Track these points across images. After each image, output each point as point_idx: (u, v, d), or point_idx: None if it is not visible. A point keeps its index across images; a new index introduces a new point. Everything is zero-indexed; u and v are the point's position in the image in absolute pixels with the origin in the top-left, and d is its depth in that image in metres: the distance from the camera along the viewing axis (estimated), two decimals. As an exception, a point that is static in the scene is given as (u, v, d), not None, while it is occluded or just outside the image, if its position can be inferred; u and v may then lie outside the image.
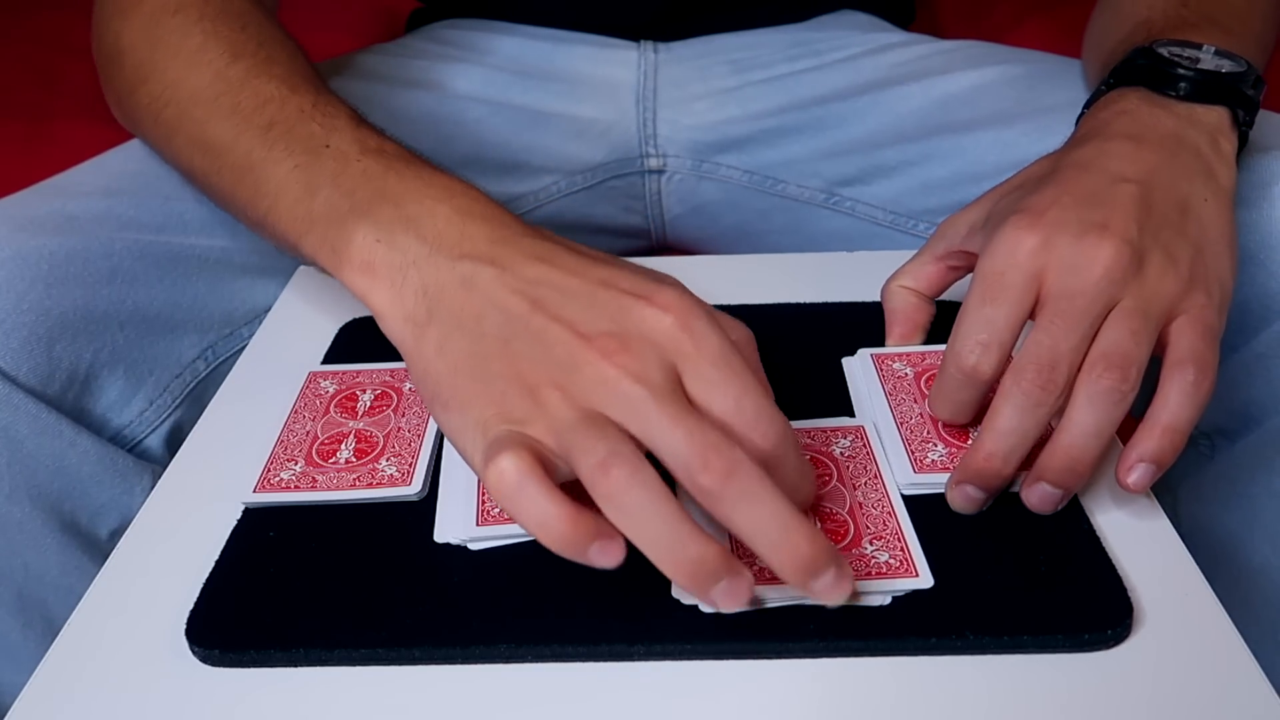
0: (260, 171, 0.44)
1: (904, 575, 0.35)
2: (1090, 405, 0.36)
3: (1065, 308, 0.37)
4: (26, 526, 0.46)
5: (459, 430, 0.35)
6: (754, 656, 0.34)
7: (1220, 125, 0.44)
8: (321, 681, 0.34)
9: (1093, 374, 0.36)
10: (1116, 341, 0.37)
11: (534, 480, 0.32)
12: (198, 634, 0.35)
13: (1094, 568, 0.36)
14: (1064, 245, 0.38)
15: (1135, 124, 0.44)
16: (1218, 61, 0.45)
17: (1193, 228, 0.40)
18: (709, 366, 0.34)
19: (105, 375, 0.51)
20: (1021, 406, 0.37)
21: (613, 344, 0.34)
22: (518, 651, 0.34)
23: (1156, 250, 0.39)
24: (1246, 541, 0.49)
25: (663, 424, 0.32)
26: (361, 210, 0.39)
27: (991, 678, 0.33)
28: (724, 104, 0.71)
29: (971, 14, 0.92)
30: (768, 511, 0.31)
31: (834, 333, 0.49)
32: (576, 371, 0.34)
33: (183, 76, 0.49)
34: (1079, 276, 0.37)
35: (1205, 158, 0.43)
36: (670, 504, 0.31)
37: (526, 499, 0.32)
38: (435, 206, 0.39)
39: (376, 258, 0.38)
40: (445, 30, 0.75)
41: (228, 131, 0.46)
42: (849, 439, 0.42)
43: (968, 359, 0.38)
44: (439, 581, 0.37)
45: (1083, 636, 0.33)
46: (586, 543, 0.31)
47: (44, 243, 0.49)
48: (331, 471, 0.41)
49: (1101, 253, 0.37)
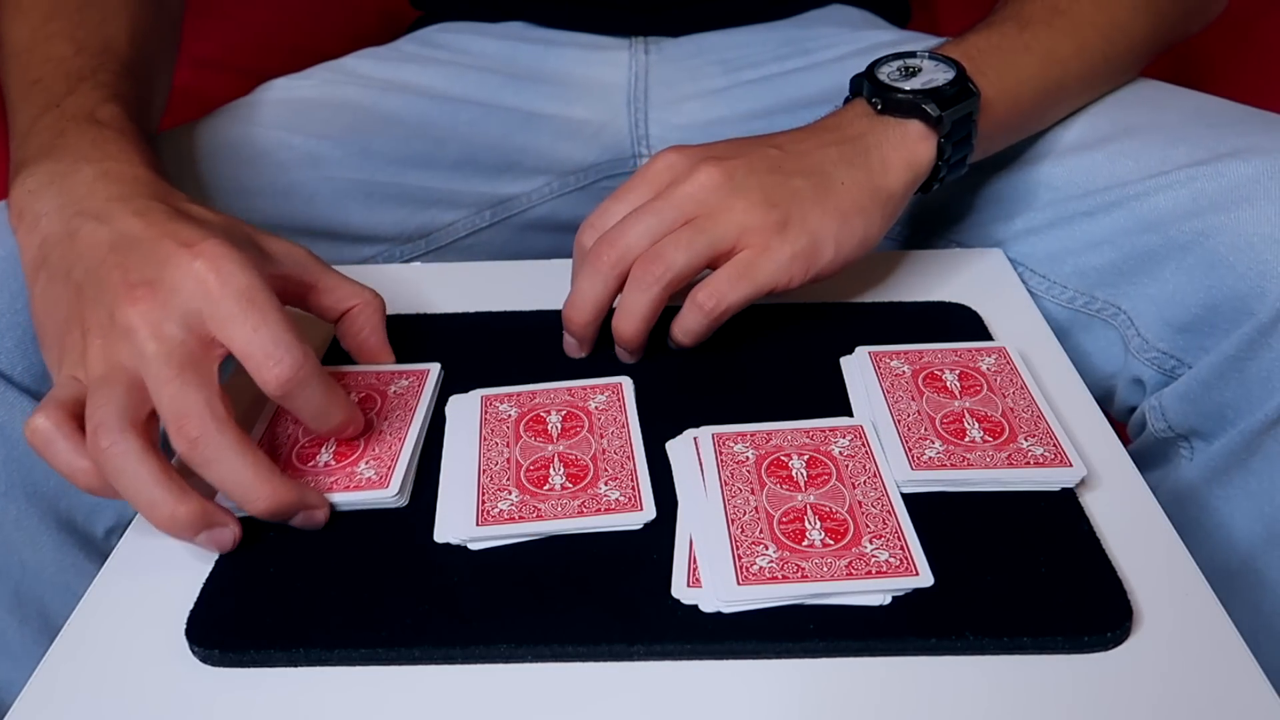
0: (11, 119, 0.48)
1: (904, 574, 0.35)
2: (633, 288, 0.45)
3: (657, 204, 0.45)
4: (23, 524, 0.46)
5: (51, 370, 0.40)
6: (754, 657, 0.34)
7: (913, 133, 0.49)
8: (321, 681, 0.34)
9: (640, 262, 0.45)
10: (664, 245, 0.45)
11: (58, 439, 0.37)
12: (198, 634, 0.35)
13: (1093, 569, 0.36)
14: (682, 164, 0.47)
15: (836, 120, 0.51)
16: (929, 77, 0.50)
17: (811, 190, 0.46)
18: (229, 302, 0.37)
19: (99, 374, 0.51)
20: (592, 274, 0.45)
21: (143, 291, 0.37)
22: (517, 651, 0.34)
23: (755, 191, 0.46)
24: (1225, 543, 0.50)
25: (156, 385, 0.36)
26: (31, 161, 0.44)
27: (991, 678, 0.33)
28: (715, 104, 0.71)
29: (970, 13, 0.92)
30: (231, 473, 0.36)
31: (833, 333, 0.49)
32: (112, 318, 0.37)
33: (7, 31, 0.53)
34: (677, 187, 0.46)
35: (872, 154, 0.48)
36: (145, 466, 0.35)
37: (51, 455, 0.37)
38: (81, 166, 0.42)
39: (25, 206, 0.42)
40: (437, 34, 0.75)
41: (11, 81, 0.50)
42: (848, 438, 0.42)
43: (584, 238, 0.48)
44: (439, 581, 0.37)
45: (1082, 638, 0.33)
46: (101, 486, 0.36)
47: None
48: (310, 475, 0.41)
49: (702, 173, 0.46)
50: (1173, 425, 0.52)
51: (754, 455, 0.41)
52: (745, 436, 0.42)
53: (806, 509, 0.38)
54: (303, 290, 0.45)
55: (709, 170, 0.46)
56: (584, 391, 0.46)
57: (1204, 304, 0.49)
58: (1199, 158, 0.50)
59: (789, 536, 0.37)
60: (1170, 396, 0.52)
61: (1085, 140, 0.56)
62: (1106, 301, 0.55)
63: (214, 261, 0.37)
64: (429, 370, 0.47)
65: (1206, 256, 0.49)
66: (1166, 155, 0.52)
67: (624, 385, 0.46)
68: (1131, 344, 0.54)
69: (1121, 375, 0.56)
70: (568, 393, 0.46)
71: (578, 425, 0.43)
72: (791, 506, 0.38)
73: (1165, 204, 0.51)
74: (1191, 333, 0.50)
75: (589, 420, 0.44)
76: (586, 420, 0.44)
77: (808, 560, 0.36)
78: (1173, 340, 0.52)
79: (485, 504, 0.39)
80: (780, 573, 0.35)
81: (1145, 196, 0.52)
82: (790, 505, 0.39)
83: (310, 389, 0.38)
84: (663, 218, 0.45)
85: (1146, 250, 0.52)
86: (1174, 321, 0.51)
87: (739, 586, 0.35)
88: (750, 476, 0.40)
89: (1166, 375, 0.53)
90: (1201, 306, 0.49)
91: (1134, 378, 0.55)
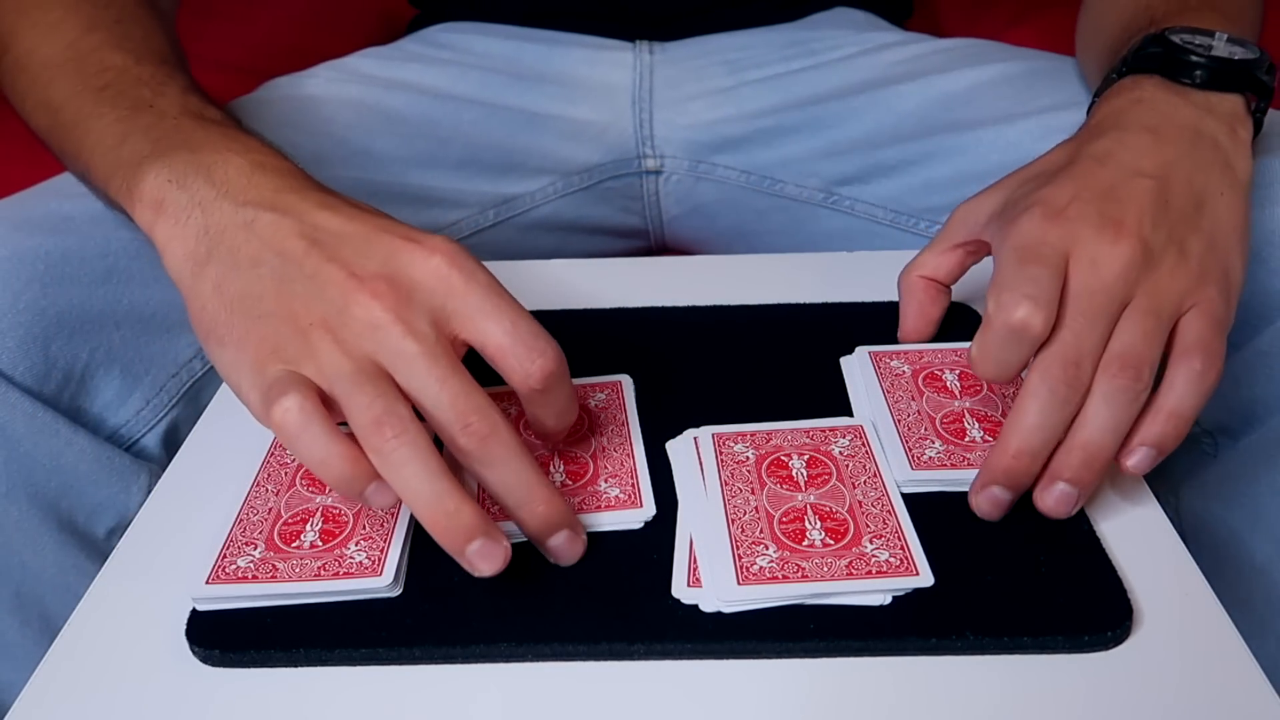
0: (86, 125, 0.46)
1: (904, 574, 0.35)
2: (1106, 403, 0.37)
3: (1086, 306, 0.37)
4: (24, 525, 0.46)
5: (232, 367, 0.36)
6: (754, 656, 0.34)
7: (1236, 113, 0.44)
8: (321, 682, 0.34)
9: (1108, 373, 0.37)
10: (1130, 342, 0.37)
11: (317, 420, 0.34)
12: (198, 634, 0.35)
13: (1094, 569, 0.36)
14: (1085, 240, 0.38)
15: (1153, 114, 0.44)
16: (1230, 49, 0.45)
17: (1207, 222, 0.40)
18: (480, 297, 0.36)
19: (102, 374, 0.50)
20: (1049, 403, 0.37)
21: (382, 285, 0.36)
22: (518, 651, 0.34)
23: (1171, 247, 0.39)
24: (1249, 540, 0.49)
25: (430, 383, 0.35)
26: (160, 153, 0.41)
27: (991, 678, 0.33)
28: (720, 104, 0.71)
29: (970, 13, 0.92)
30: (515, 474, 0.35)
31: (833, 333, 0.49)
32: (347, 312, 0.35)
33: (37, 45, 0.51)
34: (1098, 274, 0.38)
35: (1223, 149, 0.43)
36: (434, 461, 0.34)
37: (310, 438, 0.34)
38: (230, 157, 0.40)
39: (166, 196, 0.40)
40: (441, 34, 0.75)
41: (66, 91, 0.48)
42: (848, 438, 0.42)
43: (1016, 312, 0.37)
44: (439, 581, 0.37)
45: (1082, 637, 0.33)
46: (365, 482, 0.34)
47: (40, 242, 0.49)
48: (295, 558, 0.37)
49: (1119, 250, 0.38)
50: (1200, 421, 0.51)
51: (754, 455, 0.41)
52: (745, 436, 0.42)
53: (806, 509, 0.38)
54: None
55: (1119, 242, 0.38)
56: (584, 390, 0.46)
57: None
58: None
59: (789, 536, 0.37)
60: None
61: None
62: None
63: (453, 258, 0.36)
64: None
65: None
66: None
67: (623, 383, 0.46)
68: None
69: None
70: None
71: (577, 423, 0.43)
72: (791, 506, 0.38)
73: None
74: None
75: (589, 419, 0.44)
76: (587, 418, 0.44)
77: (808, 560, 0.36)
78: None
79: (486, 502, 0.39)
80: (780, 572, 0.35)
81: None
82: (790, 505, 0.39)
83: (563, 384, 0.37)
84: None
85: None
86: None
87: (739, 586, 0.35)
88: (750, 476, 0.40)
89: None
90: None
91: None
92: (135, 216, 0.41)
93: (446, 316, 0.36)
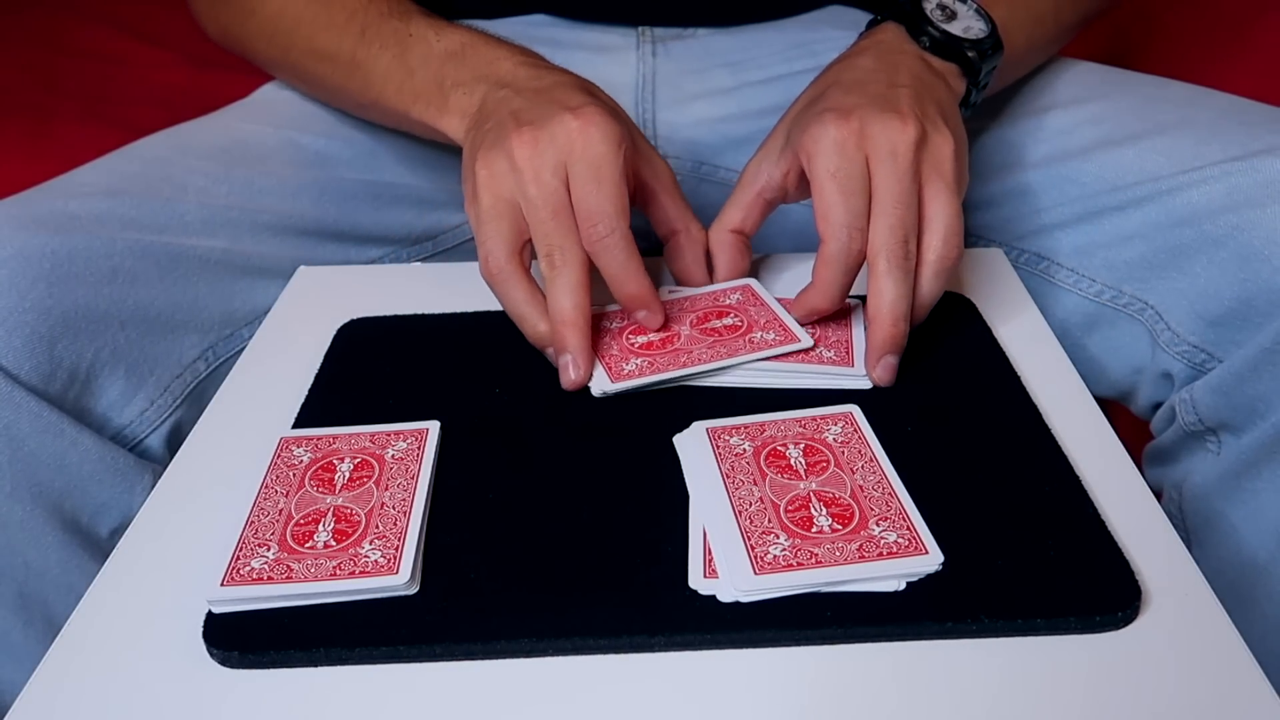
0: (367, 67, 0.57)
1: (913, 553, 0.36)
2: (935, 278, 0.46)
3: (899, 192, 0.45)
4: (28, 525, 0.46)
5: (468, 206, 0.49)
6: (773, 645, 0.34)
7: (949, 71, 0.53)
8: (340, 681, 0.34)
9: (935, 254, 0.46)
10: (945, 220, 0.46)
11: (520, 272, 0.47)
12: (215, 636, 0.35)
13: (1101, 551, 0.36)
14: (876, 132, 0.46)
15: (890, 51, 0.52)
16: (967, 24, 0.53)
17: (952, 122, 0.49)
18: (582, 165, 0.46)
19: (106, 374, 0.50)
20: (901, 279, 0.45)
21: (527, 133, 0.46)
22: (539, 645, 0.34)
23: (933, 130, 0.47)
24: (1252, 537, 0.50)
25: (535, 224, 0.46)
26: (451, 78, 0.53)
27: (1005, 660, 0.33)
28: (722, 104, 0.71)
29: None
30: (615, 262, 0.46)
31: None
32: (500, 148, 0.47)
33: (283, 6, 0.61)
34: (896, 160, 0.45)
35: (949, 86, 0.52)
36: (525, 287, 0.47)
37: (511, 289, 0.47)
38: (499, 64, 0.53)
39: (466, 105, 0.52)
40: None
41: (332, 40, 0.58)
42: (839, 425, 0.43)
43: (851, 243, 0.45)
44: (456, 579, 0.37)
45: (1094, 618, 0.34)
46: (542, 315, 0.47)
47: (46, 242, 0.49)
48: (309, 559, 0.37)
49: (908, 133, 0.46)
50: (1204, 418, 0.52)
51: (751, 447, 0.42)
52: (740, 429, 0.43)
53: (810, 496, 0.39)
54: (647, 196, 0.52)
55: (906, 127, 0.46)
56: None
57: (1237, 297, 0.50)
58: (1234, 154, 0.51)
59: (798, 524, 0.37)
60: (1202, 390, 0.52)
61: (1113, 137, 0.57)
62: (1134, 296, 0.55)
63: (585, 125, 0.46)
64: (427, 430, 0.44)
65: (1241, 250, 0.49)
66: (1200, 151, 0.53)
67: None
68: (1160, 338, 0.54)
69: (1148, 370, 0.56)
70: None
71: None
72: (796, 495, 0.39)
73: (1199, 198, 0.51)
74: (1224, 326, 0.51)
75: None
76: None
77: (820, 546, 0.36)
78: (1204, 334, 0.52)
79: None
80: (794, 560, 0.36)
81: (1179, 191, 0.52)
82: (794, 494, 0.39)
83: (615, 250, 0.46)
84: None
85: (1178, 244, 0.52)
86: (1206, 315, 0.51)
87: (756, 576, 0.35)
88: (750, 468, 0.40)
89: (1196, 369, 0.53)
90: (1235, 300, 0.50)
91: (1162, 372, 0.55)
92: (445, 129, 0.53)
93: (565, 170, 0.46)
